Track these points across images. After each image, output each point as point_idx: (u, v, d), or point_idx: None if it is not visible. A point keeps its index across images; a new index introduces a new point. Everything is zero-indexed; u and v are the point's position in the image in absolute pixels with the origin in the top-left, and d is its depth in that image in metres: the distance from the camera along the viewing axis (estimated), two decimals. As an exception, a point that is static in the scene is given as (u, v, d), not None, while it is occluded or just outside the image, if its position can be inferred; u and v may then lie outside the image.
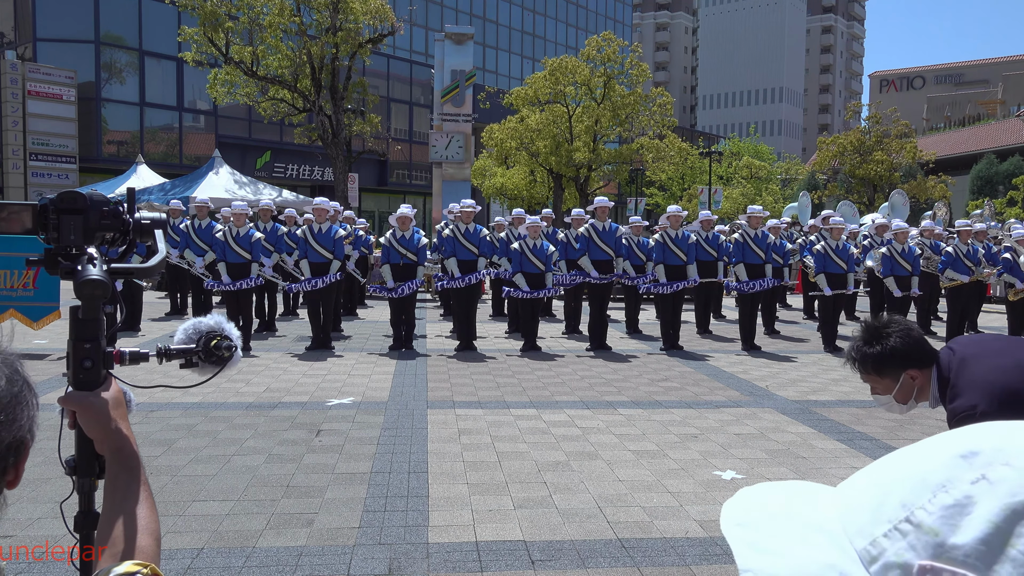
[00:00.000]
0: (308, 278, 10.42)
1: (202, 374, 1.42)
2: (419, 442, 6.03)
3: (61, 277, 1.26)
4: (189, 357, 1.39)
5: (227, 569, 3.76)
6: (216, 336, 1.40)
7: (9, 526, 4.21)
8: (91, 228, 1.30)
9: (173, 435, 6.12)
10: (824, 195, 39.02)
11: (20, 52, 31.54)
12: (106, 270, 1.23)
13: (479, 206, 12.83)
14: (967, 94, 76.99)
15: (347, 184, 23.75)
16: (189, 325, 1.42)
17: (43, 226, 1.29)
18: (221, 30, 22.07)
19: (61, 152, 29.65)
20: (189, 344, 1.40)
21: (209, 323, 1.42)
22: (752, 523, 0.55)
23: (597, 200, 11.69)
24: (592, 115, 29.96)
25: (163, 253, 1.41)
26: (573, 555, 4.00)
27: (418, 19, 52.92)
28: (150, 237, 1.39)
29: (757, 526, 0.55)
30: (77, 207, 1.29)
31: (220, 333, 1.40)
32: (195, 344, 1.39)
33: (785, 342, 12.21)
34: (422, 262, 10.63)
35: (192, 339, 1.40)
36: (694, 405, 7.58)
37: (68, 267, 1.25)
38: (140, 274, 1.37)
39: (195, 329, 1.41)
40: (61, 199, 1.29)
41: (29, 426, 1.01)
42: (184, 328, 1.42)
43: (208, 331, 1.40)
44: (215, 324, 1.42)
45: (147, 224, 1.38)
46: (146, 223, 1.38)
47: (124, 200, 1.38)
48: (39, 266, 1.29)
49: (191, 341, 1.40)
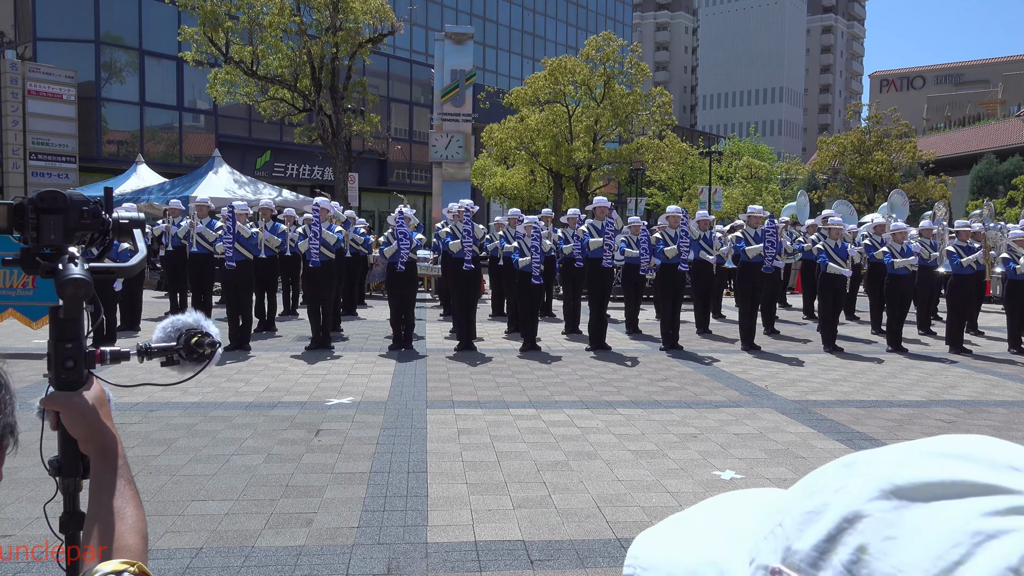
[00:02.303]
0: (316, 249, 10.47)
1: (183, 372, 1.41)
2: (418, 442, 6.03)
3: (42, 276, 1.25)
4: (170, 355, 1.38)
5: (226, 569, 3.76)
6: (197, 333, 1.38)
7: (9, 526, 4.21)
8: (71, 228, 1.28)
9: (173, 435, 6.12)
10: (824, 195, 39.02)
11: (20, 52, 31.52)
12: (87, 269, 1.22)
13: (477, 206, 12.83)
14: (967, 94, 77.01)
15: (347, 184, 23.74)
16: (168, 323, 1.41)
17: (20, 225, 1.28)
18: (221, 30, 22.07)
19: (61, 152, 29.63)
20: (169, 342, 1.39)
21: (188, 320, 1.40)
22: (667, 523, 0.56)
23: (596, 200, 11.72)
24: (592, 115, 29.96)
25: (142, 253, 1.40)
26: (572, 555, 4.00)
27: (418, 19, 52.92)
28: (129, 237, 1.38)
29: (668, 525, 0.55)
30: (57, 206, 1.27)
31: (200, 330, 1.39)
32: (176, 342, 1.39)
33: (785, 342, 12.21)
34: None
35: (172, 337, 1.39)
36: (694, 405, 7.57)
37: (49, 266, 1.24)
38: (121, 274, 1.36)
39: (174, 327, 1.40)
40: (41, 198, 1.27)
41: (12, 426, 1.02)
42: (163, 326, 1.41)
43: (188, 329, 1.39)
44: (194, 321, 1.40)
45: (126, 224, 1.37)
46: (125, 223, 1.37)
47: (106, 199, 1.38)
48: (15, 266, 1.28)
49: (171, 339, 1.39)
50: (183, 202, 15.60)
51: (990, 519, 0.40)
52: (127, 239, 1.38)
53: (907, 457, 0.46)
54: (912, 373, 9.71)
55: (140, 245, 1.40)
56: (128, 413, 6.70)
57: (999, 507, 0.40)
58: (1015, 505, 0.41)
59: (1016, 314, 11.48)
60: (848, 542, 0.43)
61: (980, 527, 0.40)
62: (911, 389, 8.68)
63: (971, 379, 9.41)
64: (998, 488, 0.42)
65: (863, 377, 9.32)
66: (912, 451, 0.46)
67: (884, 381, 9.10)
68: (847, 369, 9.84)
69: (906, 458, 0.45)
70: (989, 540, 0.39)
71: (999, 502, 0.41)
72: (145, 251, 1.41)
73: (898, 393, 8.44)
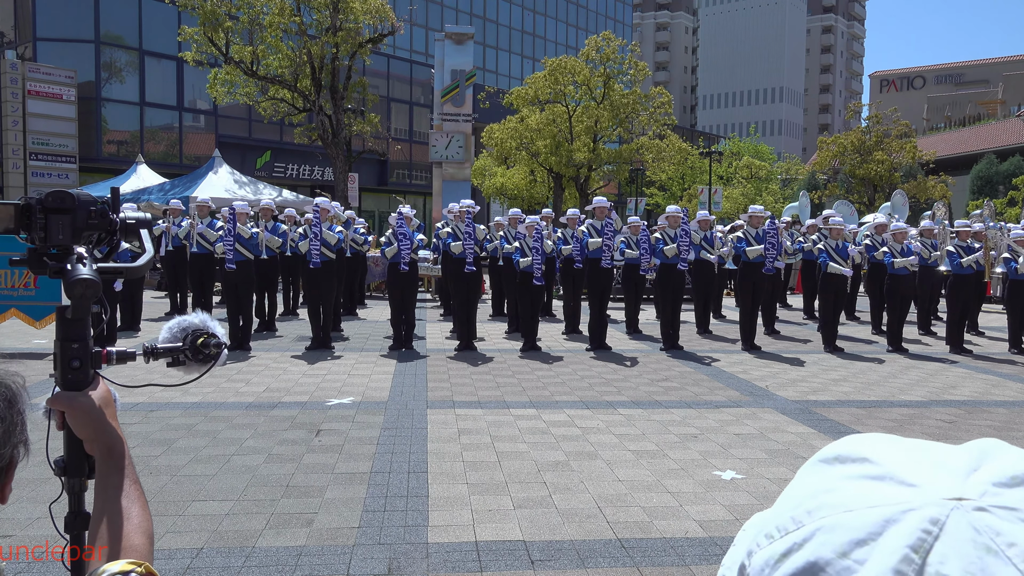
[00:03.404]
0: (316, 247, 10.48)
1: (189, 372, 1.41)
2: (419, 442, 6.03)
3: (50, 276, 1.25)
4: (176, 356, 1.38)
5: (227, 569, 3.76)
6: (203, 334, 1.38)
7: (9, 526, 4.21)
8: (79, 228, 1.28)
9: (173, 435, 6.12)
10: (824, 195, 39.02)
11: (20, 52, 31.52)
12: (95, 269, 1.22)
13: (478, 206, 12.83)
14: (967, 94, 76.98)
15: (347, 184, 23.74)
16: (174, 324, 1.41)
17: (27, 225, 1.27)
18: (221, 30, 22.07)
19: (61, 152, 29.63)
20: (175, 343, 1.39)
21: (194, 321, 1.40)
22: None
23: (595, 200, 11.73)
24: (592, 115, 29.96)
25: (151, 253, 1.40)
26: (573, 555, 4.00)
27: (418, 19, 52.92)
28: (136, 237, 1.38)
29: None
30: (65, 207, 1.27)
31: (206, 331, 1.39)
32: (181, 343, 1.38)
33: (785, 342, 12.21)
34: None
35: (178, 337, 1.39)
36: (694, 405, 7.57)
37: (57, 266, 1.24)
38: (129, 274, 1.36)
39: (180, 328, 1.40)
40: (49, 198, 1.27)
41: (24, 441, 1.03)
42: (169, 327, 1.41)
43: (194, 329, 1.39)
44: (200, 322, 1.40)
45: (133, 224, 1.37)
46: (132, 223, 1.37)
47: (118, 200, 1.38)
48: (22, 266, 1.28)
49: (177, 340, 1.39)
50: (183, 202, 15.60)
51: (839, 480, 0.52)
52: (134, 239, 1.38)
53: (857, 438, 0.56)
54: (912, 373, 9.71)
55: (148, 245, 1.40)
56: (128, 413, 6.70)
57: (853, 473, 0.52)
58: (864, 473, 0.52)
59: (1017, 314, 11.47)
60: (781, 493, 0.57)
61: (828, 484, 0.52)
62: (911, 389, 8.68)
63: (971, 379, 9.40)
64: (868, 460, 0.53)
65: (863, 377, 9.32)
66: (871, 435, 0.57)
67: (884, 381, 9.10)
68: (847, 369, 9.84)
69: (856, 438, 0.56)
70: (823, 493, 0.52)
71: (858, 469, 0.52)
72: (153, 251, 1.41)
73: (899, 393, 8.44)
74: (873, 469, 0.52)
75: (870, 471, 0.52)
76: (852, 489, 0.51)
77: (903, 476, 0.50)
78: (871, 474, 0.51)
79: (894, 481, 0.50)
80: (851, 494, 0.50)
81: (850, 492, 0.51)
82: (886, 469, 0.51)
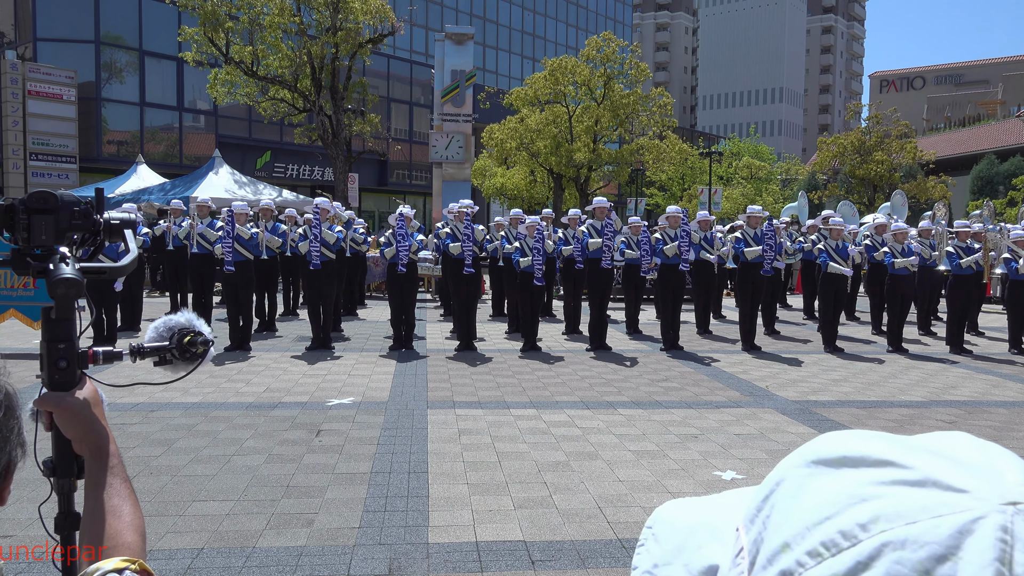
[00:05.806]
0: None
1: (176, 371, 1.41)
2: (419, 442, 6.03)
3: (33, 277, 1.25)
4: (163, 355, 1.38)
5: (227, 569, 3.76)
6: (189, 333, 1.39)
7: (9, 526, 4.21)
8: (62, 228, 1.28)
9: (173, 435, 6.12)
10: (824, 195, 39.03)
11: (20, 52, 31.52)
12: (78, 269, 1.22)
13: (477, 206, 12.84)
14: (967, 94, 76.96)
15: (347, 184, 23.74)
16: (160, 323, 1.41)
17: (10, 226, 1.27)
18: (221, 30, 22.06)
19: (61, 152, 29.65)
20: (162, 342, 1.39)
21: (180, 320, 1.41)
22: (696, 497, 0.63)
23: (595, 201, 11.73)
24: (592, 115, 29.97)
25: (135, 253, 1.40)
26: (573, 555, 4.00)
27: (418, 19, 52.91)
28: (120, 237, 1.38)
29: (695, 498, 0.63)
30: (48, 207, 1.27)
31: (192, 330, 1.40)
32: (168, 342, 1.39)
33: (785, 342, 12.21)
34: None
35: (165, 337, 1.39)
36: (694, 405, 7.57)
37: (40, 267, 1.23)
38: (113, 273, 1.36)
39: (167, 327, 1.40)
40: (32, 199, 1.27)
41: (22, 443, 1.03)
42: (155, 326, 1.41)
43: (180, 328, 1.39)
44: (186, 321, 1.41)
45: (116, 224, 1.37)
46: (116, 223, 1.37)
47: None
48: (6, 267, 1.28)
49: (164, 339, 1.39)
50: (184, 202, 15.59)
51: (871, 486, 0.46)
52: (118, 239, 1.38)
53: (844, 436, 0.51)
54: (912, 373, 9.71)
55: (131, 245, 1.40)
56: (128, 414, 6.70)
57: (885, 478, 0.46)
58: (899, 478, 0.46)
59: (1017, 314, 11.48)
60: (772, 500, 0.50)
61: (860, 491, 0.46)
62: (912, 390, 8.68)
63: (971, 379, 9.40)
64: (894, 463, 0.47)
65: (863, 377, 9.32)
66: (854, 432, 0.52)
67: (885, 381, 9.10)
68: (847, 369, 9.84)
69: (843, 437, 0.51)
70: (860, 502, 0.45)
71: (888, 474, 0.46)
72: (136, 251, 1.40)
73: (899, 394, 8.44)
74: (907, 474, 0.47)
75: (905, 476, 0.47)
76: (898, 497, 0.46)
77: (946, 481, 0.47)
78: (908, 479, 0.47)
79: (939, 487, 0.46)
80: (903, 503, 0.46)
81: (899, 501, 0.46)
82: (922, 473, 0.47)
